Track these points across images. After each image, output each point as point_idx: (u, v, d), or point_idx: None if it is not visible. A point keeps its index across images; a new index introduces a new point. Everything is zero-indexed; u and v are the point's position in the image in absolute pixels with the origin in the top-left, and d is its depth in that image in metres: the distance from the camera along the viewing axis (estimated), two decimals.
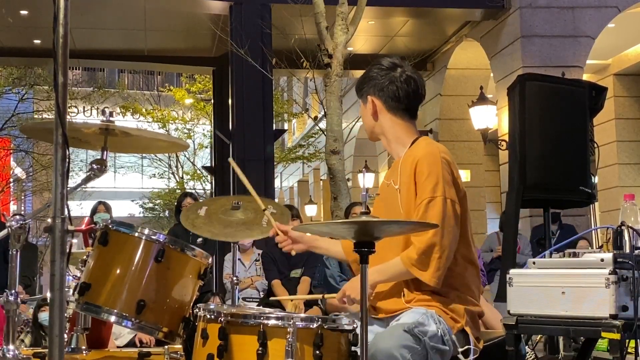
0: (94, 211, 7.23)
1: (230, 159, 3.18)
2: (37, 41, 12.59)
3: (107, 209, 7.20)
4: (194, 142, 22.86)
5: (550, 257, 3.27)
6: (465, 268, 2.74)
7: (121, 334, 5.23)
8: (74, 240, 2.33)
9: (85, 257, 2.78)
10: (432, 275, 2.58)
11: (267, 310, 2.65)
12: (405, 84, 2.78)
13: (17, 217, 2.44)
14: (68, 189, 2.03)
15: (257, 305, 6.47)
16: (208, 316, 2.39)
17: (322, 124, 9.84)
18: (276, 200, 22.32)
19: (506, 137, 8.24)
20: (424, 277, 2.59)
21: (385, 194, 2.84)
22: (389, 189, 2.81)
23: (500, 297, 4.20)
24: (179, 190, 22.87)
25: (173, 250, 2.74)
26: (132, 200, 28.12)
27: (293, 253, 2.97)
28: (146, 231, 2.75)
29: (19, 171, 23.35)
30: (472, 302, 2.73)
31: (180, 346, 3.03)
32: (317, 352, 2.27)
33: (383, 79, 2.78)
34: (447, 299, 2.66)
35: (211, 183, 17.18)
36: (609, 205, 12.49)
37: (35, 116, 21.19)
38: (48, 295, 1.99)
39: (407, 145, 2.80)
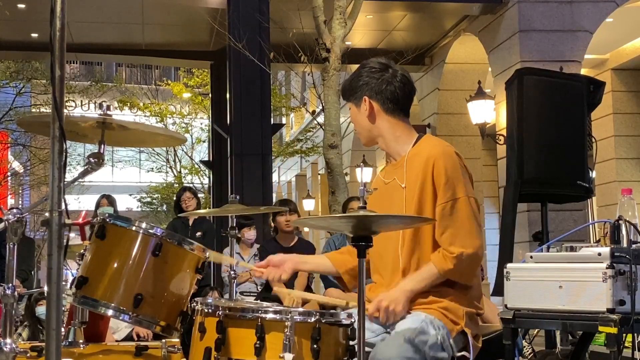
0: (97, 205, 7.21)
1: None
2: (34, 35, 12.57)
3: (111, 202, 7.18)
4: (191, 136, 22.87)
5: (548, 251, 3.27)
6: None
7: (119, 327, 5.23)
8: (72, 234, 2.33)
9: (82, 251, 2.78)
10: (470, 278, 2.68)
11: (265, 304, 2.65)
12: (402, 84, 2.78)
13: (15, 210, 2.44)
14: (65, 182, 2.02)
15: (255, 299, 6.47)
16: (206, 310, 2.39)
17: (320, 118, 9.84)
18: (274, 194, 22.33)
19: (504, 132, 8.24)
20: (462, 280, 2.67)
21: (385, 191, 2.81)
22: (391, 187, 2.79)
23: (498, 291, 4.20)
24: (177, 185, 22.89)
25: (170, 244, 2.73)
26: (130, 195, 28.13)
27: (284, 277, 2.88)
28: (144, 225, 2.74)
29: (16, 165, 23.34)
30: (472, 303, 2.72)
31: (177, 340, 3.03)
32: (315, 346, 2.27)
33: (378, 81, 2.76)
34: (446, 300, 2.65)
35: (209, 177, 17.17)
36: (607, 200, 12.51)
37: (33, 110, 21.18)
38: (45, 289, 1.99)
39: (409, 143, 2.79)
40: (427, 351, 2.48)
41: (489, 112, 10.88)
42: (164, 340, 3.09)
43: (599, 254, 3.00)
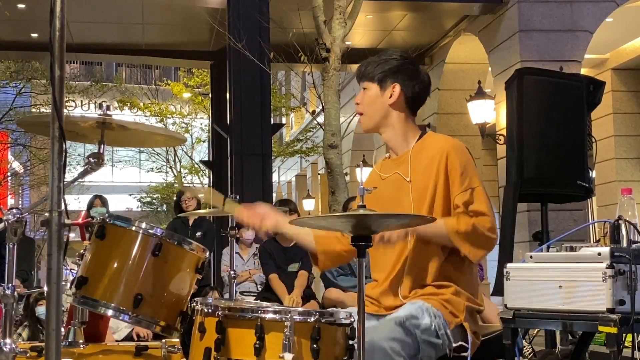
0: (90, 205, 7.21)
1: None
2: (34, 35, 12.57)
3: (104, 203, 7.18)
4: (191, 136, 22.87)
5: (548, 251, 3.27)
6: (469, 265, 2.74)
7: (119, 327, 5.24)
8: (72, 234, 2.33)
9: (82, 250, 2.78)
10: (471, 251, 2.62)
11: (265, 304, 2.65)
12: (427, 83, 2.87)
13: (14, 210, 2.44)
14: (65, 182, 2.02)
15: (255, 299, 6.48)
16: (205, 310, 2.39)
17: (320, 118, 9.84)
18: (274, 194, 22.31)
19: (504, 132, 8.24)
20: (465, 250, 2.62)
21: (384, 186, 2.80)
22: (391, 182, 2.79)
23: (498, 291, 4.20)
24: (177, 185, 22.89)
25: (170, 244, 2.73)
26: (130, 195, 28.14)
27: (263, 230, 2.83)
28: (143, 225, 2.74)
29: (16, 165, 23.34)
30: (472, 299, 2.73)
31: (177, 340, 3.03)
32: (315, 345, 2.27)
33: (411, 74, 2.82)
34: (447, 293, 2.65)
35: (209, 177, 17.17)
36: (607, 200, 12.51)
37: (33, 110, 21.18)
38: (45, 289, 1.99)
39: (413, 140, 2.81)
40: (419, 334, 2.49)
41: (489, 112, 10.88)
42: (164, 340, 3.09)
43: (599, 254, 3.00)
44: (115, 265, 2.69)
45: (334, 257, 2.95)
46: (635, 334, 3.34)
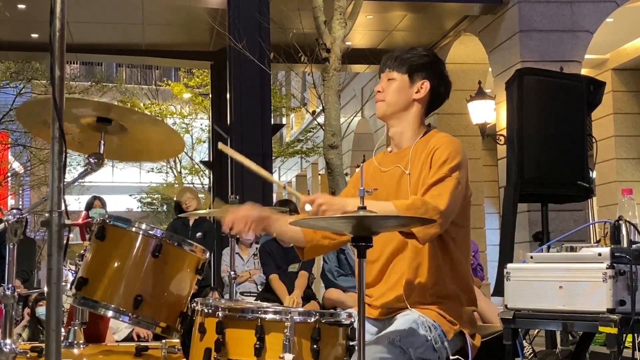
0: (89, 206, 7.22)
1: (221, 145, 3.01)
2: (34, 35, 12.56)
3: (103, 204, 7.19)
4: (191, 136, 22.87)
5: (548, 251, 3.27)
6: (466, 267, 2.75)
7: (119, 328, 5.24)
8: (71, 235, 2.33)
9: (82, 251, 2.78)
10: (422, 231, 2.49)
11: (265, 304, 2.65)
12: (450, 90, 2.92)
13: (15, 211, 2.44)
14: (65, 183, 2.02)
15: (255, 300, 6.48)
16: (205, 310, 2.39)
17: (320, 119, 9.84)
18: (274, 195, 22.31)
19: (504, 132, 8.24)
20: (415, 229, 2.50)
21: (386, 179, 2.80)
22: (393, 175, 2.79)
23: (498, 291, 4.20)
24: (177, 185, 22.90)
25: (170, 245, 2.73)
26: (130, 195, 28.13)
27: (245, 234, 2.76)
28: (143, 226, 2.74)
29: (16, 165, 23.34)
30: (469, 300, 2.74)
31: (177, 341, 3.03)
32: (315, 346, 2.27)
33: (442, 77, 2.87)
34: (445, 300, 2.66)
35: (209, 178, 17.17)
36: (607, 200, 12.50)
37: None
38: (45, 289, 1.99)
39: (417, 137, 2.83)
40: (413, 352, 2.49)
41: (489, 112, 10.88)
42: (164, 341, 3.09)
43: (599, 254, 2.99)
44: (116, 266, 2.69)
45: (319, 250, 2.97)
46: (636, 335, 3.34)
